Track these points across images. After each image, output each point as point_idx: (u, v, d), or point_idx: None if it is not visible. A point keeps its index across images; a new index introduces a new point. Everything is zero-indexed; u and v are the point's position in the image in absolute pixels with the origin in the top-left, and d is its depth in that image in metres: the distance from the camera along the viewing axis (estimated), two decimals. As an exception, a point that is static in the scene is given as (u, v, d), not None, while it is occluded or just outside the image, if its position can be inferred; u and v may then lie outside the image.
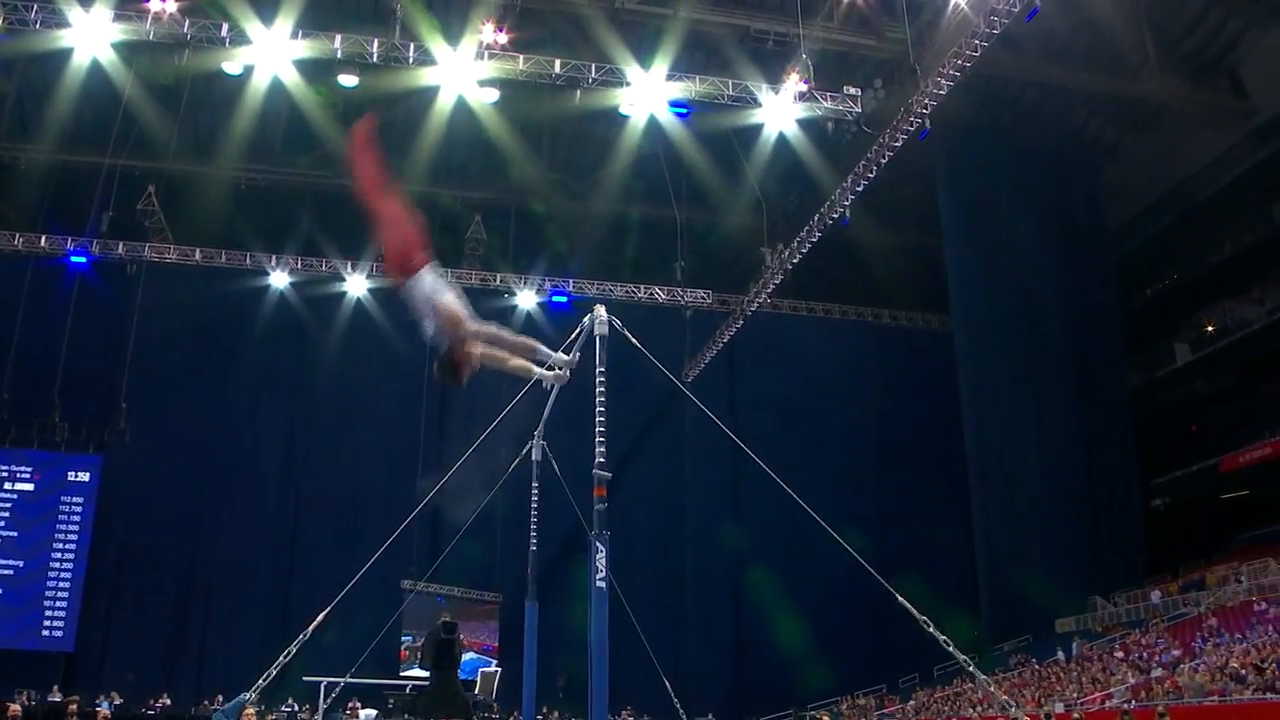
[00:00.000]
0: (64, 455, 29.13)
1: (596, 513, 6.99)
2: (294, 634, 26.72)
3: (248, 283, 31.42)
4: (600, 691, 6.58)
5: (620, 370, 8.07)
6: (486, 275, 32.25)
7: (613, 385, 17.00)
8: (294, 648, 6.65)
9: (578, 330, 8.27)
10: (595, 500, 7.04)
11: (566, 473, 11.12)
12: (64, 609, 28.05)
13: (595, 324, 7.55)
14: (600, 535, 6.85)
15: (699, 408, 31.07)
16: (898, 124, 23.52)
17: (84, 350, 29.30)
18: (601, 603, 6.69)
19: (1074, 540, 29.71)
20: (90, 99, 26.10)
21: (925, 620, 7.11)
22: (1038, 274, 31.44)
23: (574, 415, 11.60)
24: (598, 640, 6.62)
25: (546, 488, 12.36)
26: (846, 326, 35.54)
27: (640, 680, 18.27)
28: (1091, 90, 29.90)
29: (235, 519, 30.84)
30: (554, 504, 12.49)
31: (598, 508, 7.01)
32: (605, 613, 6.72)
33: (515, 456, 12.03)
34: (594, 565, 6.73)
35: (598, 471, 7.11)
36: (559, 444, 12.06)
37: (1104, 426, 31.22)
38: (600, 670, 6.59)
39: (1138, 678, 21.29)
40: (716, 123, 26.26)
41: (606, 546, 6.85)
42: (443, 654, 16.13)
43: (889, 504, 33.53)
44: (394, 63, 23.52)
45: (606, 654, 6.66)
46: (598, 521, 6.93)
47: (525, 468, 11.76)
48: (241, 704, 6.62)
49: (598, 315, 7.53)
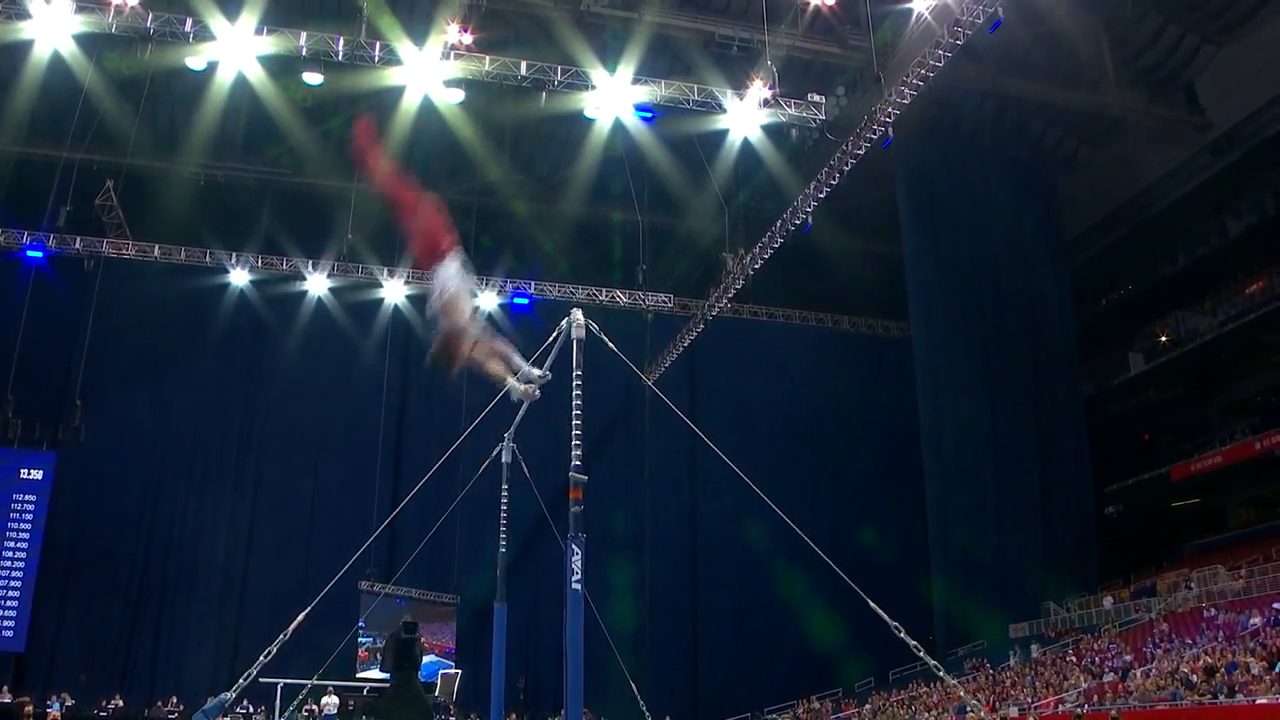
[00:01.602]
0: (16, 452, 28.71)
1: (573, 515, 6.99)
2: (248, 634, 26.61)
3: (207, 280, 31.16)
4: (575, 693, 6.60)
5: (585, 371, 8.09)
6: (448, 276, 32.08)
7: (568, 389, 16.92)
8: (274, 648, 6.63)
9: (554, 336, 8.26)
10: (571, 503, 7.03)
11: (530, 475, 11.11)
12: (14, 608, 27.65)
13: (572, 328, 7.55)
14: (576, 538, 6.86)
15: (658, 411, 31.00)
16: (861, 131, 23.73)
17: (39, 345, 28.88)
18: (577, 605, 6.70)
19: (1028, 546, 30.00)
20: (50, 91, 25.69)
21: (897, 626, 7.19)
22: (995, 282, 31.76)
23: (535, 419, 11.61)
24: (573, 642, 6.63)
25: (509, 490, 12.32)
26: (807, 332, 35.74)
27: (599, 682, 18.25)
28: (1050, 102, 30.26)
29: (190, 518, 30.51)
30: (516, 506, 12.49)
31: (574, 510, 7.01)
32: (581, 615, 6.73)
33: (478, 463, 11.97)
34: (570, 567, 6.74)
35: (574, 475, 7.12)
36: (522, 446, 12.05)
37: (1059, 434, 31.56)
38: (575, 672, 6.61)
39: (1090, 682, 21.59)
40: (681, 127, 26.33)
41: (582, 549, 6.86)
42: (403, 655, 16.04)
43: (845, 508, 33.66)
44: (359, 61, 23.43)
45: (582, 656, 6.67)
46: (574, 524, 6.94)
47: (494, 471, 11.72)
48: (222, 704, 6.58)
49: (575, 319, 7.54)
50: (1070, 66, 28.62)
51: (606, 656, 13.42)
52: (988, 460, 30.54)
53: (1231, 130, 29.36)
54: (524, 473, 11.03)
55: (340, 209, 30.71)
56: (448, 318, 7.00)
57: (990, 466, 30.49)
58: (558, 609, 11.64)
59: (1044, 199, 33.36)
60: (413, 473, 28.31)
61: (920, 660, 25.42)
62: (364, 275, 31.63)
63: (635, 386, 31.66)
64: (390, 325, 32.28)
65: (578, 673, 6.61)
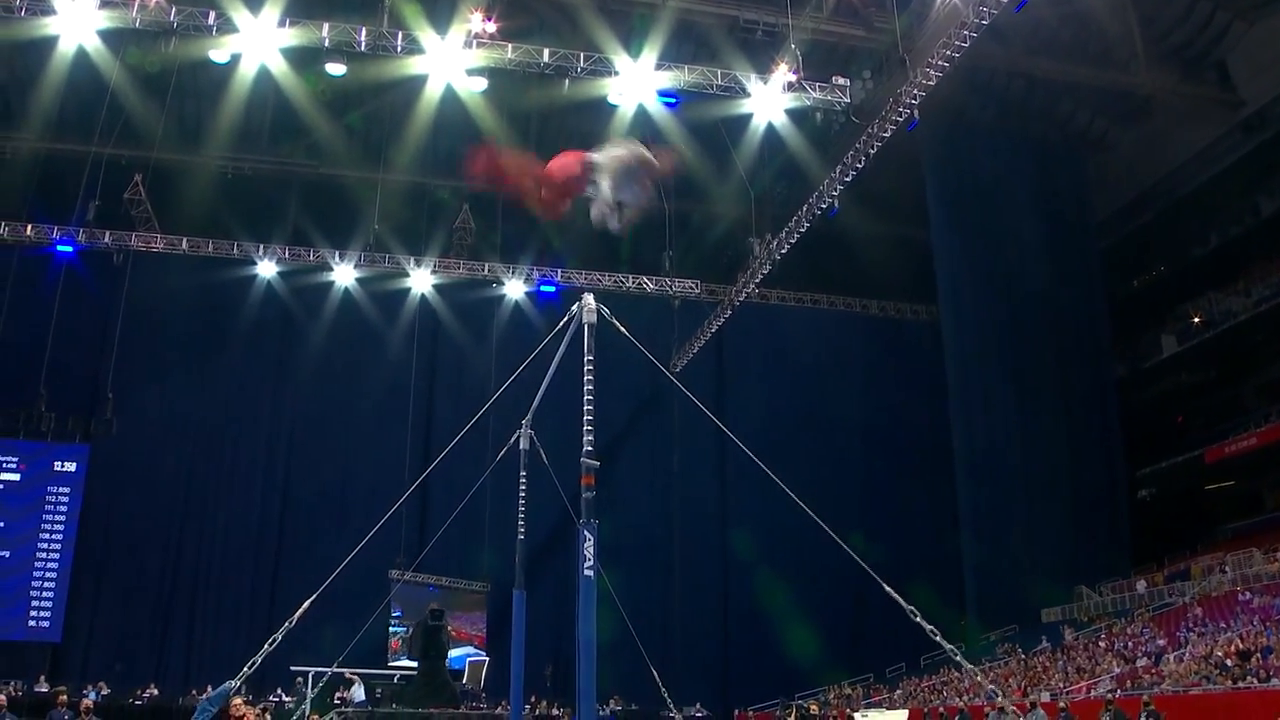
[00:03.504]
0: (50, 445, 29.05)
1: (585, 501, 6.96)
2: (280, 623, 26.67)
3: (235, 272, 31.37)
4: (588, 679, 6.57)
5: (608, 360, 8.05)
6: (474, 265, 32.21)
7: (600, 375, 16.92)
8: (279, 635, 6.65)
9: (565, 319, 8.25)
10: (583, 489, 7.01)
11: (552, 462, 11.09)
12: (50, 599, 28.00)
13: (583, 312, 7.51)
14: (589, 524, 6.83)
15: (687, 398, 31.08)
16: (886, 114, 23.52)
17: (70, 340, 29.18)
18: (590, 591, 6.67)
19: (1060, 531, 29.82)
20: (77, 87, 25.91)
21: (912, 610, 7.12)
22: (1025, 265, 31.50)
23: (561, 405, 11.57)
24: (585, 629, 6.60)
25: (533, 477, 12.31)
26: (834, 317, 35.60)
27: (628, 669, 18.27)
28: (1079, 82, 29.93)
29: (222, 508, 30.77)
30: (541, 493, 12.47)
31: (585, 496, 6.99)
32: (594, 601, 6.71)
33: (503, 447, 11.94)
34: (582, 554, 6.70)
35: (585, 460, 7.10)
36: (546, 433, 12.03)
37: (1090, 417, 31.33)
38: (588, 659, 6.58)
39: (1123, 667, 21.42)
40: (705, 112, 26.18)
41: (595, 535, 6.84)
42: (430, 643, 16.11)
43: (875, 492, 33.62)
44: (382, 51, 23.41)
45: (594, 642, 6.65)
46: (585, 510, 6.91)
47: (514, 456, 11.71)
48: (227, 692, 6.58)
49: (586, 304, 7.51)
50: (1099, 46, 28.29)
51: (635, 644, 13.42)
52: (1018, 443, 30.35)
53: (1264, 108, 28.99)
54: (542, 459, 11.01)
55: (366, 199, 30.81)
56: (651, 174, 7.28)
57: (1021, 449, 30.30)
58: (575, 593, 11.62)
59: (1073, 180, 33.04)
60: (441, 461, 28.39)
61: (955, 645, 25.31)
62: (390, 265, 31.74)
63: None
64: (417, 314, 32.42)
65: (590, 659, 6.59)
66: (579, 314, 7.55)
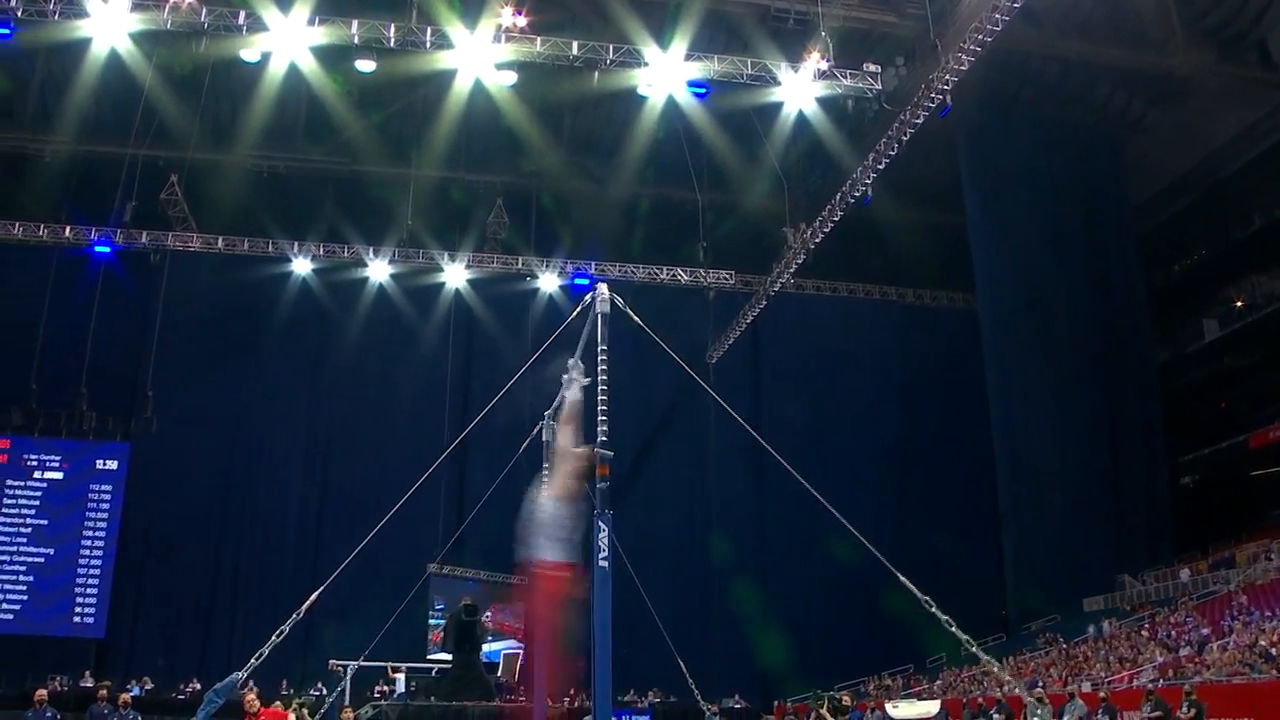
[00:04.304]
0: (92, 444, 29.42)
1: (599, 492, 6.94)
2: (320, 617, 26.80)
3: (270, 270, 31.60)
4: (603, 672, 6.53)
5: (643, 352, 8.01)
6: (508, 259, 32.26)
7: (636, 367, 16.96)
8: (286, 627, 6.69)
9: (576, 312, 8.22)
10: (597, 479, 6.99)
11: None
12: (94, 596, 28.37)
13: (597, 301, 7.48)
14: (603, 515, 6.80)
15: (722, 387, 30.84)
16: (918, 101, 23.31)
17: (109, 340, 29.64)
18: (605, 583, 6.64)
19: (1101, 519, 29.52)
20: (111, 89, 26.17)
21: (928, 600, 7.02)
22: (1062, 251, 31.16)
23: (592, 397, 11.49)
24: (601, 620, 6.57)
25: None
26: (870, 305, 35.39)
27: (666, 662, 18.25)
28: (1115, 64, 29.48)
29: (261, 504, 31.07)
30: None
31: (600, 487, 6.96)
32: (609, 593, 6.68)
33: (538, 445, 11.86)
34: (596, 545, 6.68)
35: (599, 451, 7.07)
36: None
37: (1131, 403, 30.98)
38: (603, 651, 6.54)
39: (1166, 656, 21.16)
40: (735, 102, 26.07)
41: (610, 526, 6.80)
42: (464, 636, 16.16)
43: (914, 482, 33.48)
44: (411, 47, 23.43)
45: (609, 635, 6.61)
46: (600, 501, 6.89)
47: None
48: (234, 683, 6.61)
49: (599, 293, 7.48)
50: (1134, 27, 27.87)
51: (674, 636, 13.36)
52: (1058, 431, 30.05)
53: (1306, 87, 28.49)
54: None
55: (399, 195, 30.93)
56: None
57: (1061, 437, 30.01)
58: (620, 586, 11.53)
59: (1111, 164, 32.62)
60: (478, 456, 28.51)
61: (996, 635, 25.01)
62: (425, 260, 31.86)
63: (699, 362, 31.69)
64: (452, 309, 32.55)
65: (605, 651, 6.55)
66: (593, 303, 7.51)
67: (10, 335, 29.72)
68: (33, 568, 28.19)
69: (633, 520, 31.44)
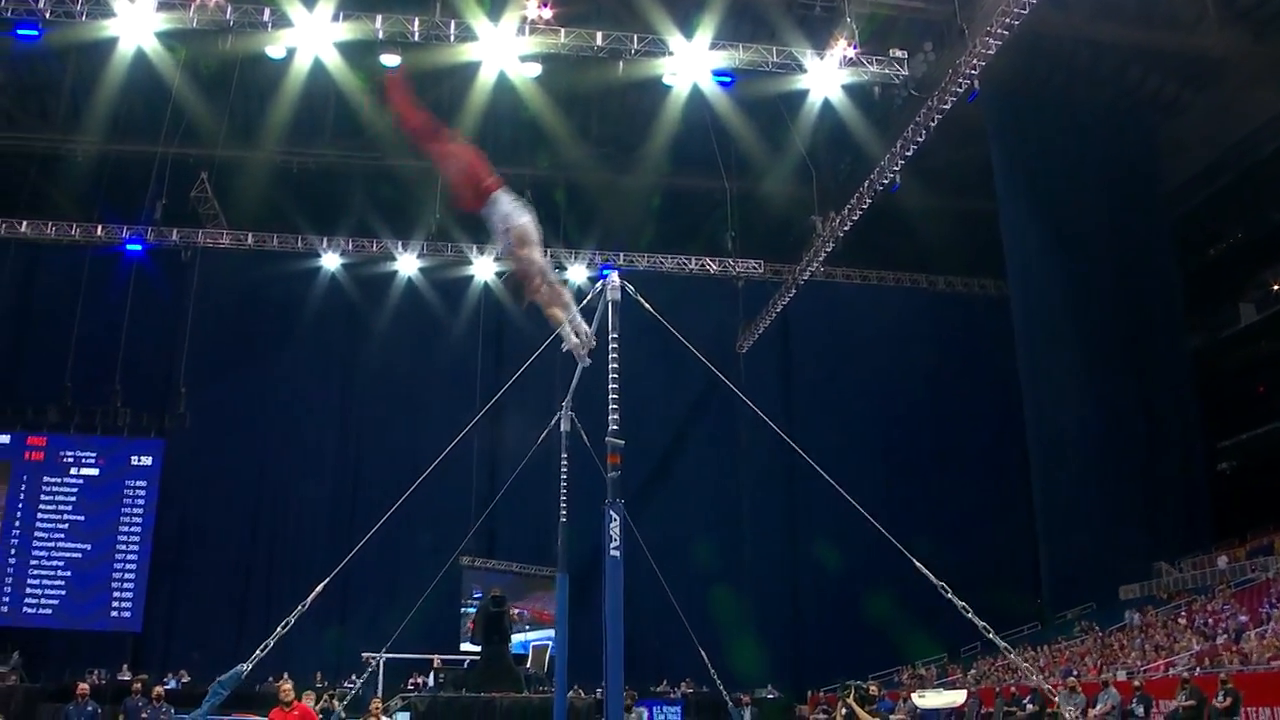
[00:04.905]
0: (127, 440, 29.68)
1: (610, 481, 6.87)
2: (353, 611, 27.00)
3: (300, 265, 31.91)
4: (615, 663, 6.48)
5: (672, 342, 7.99)
6: (537, 252, 32.22)
7: (665, 357, 16.81)
8: (292, 619, 6.67)
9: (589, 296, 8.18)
10: (609, 468, 6.92)
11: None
12: (131, 590, 28.64)
13: (608, 289, 7.43)
14: (614, 504, 6.74)
15: (751, 376, 30.59)
16: (946, 86, 23.11)
17: (142, 336, 29.93)
18: (616, 573, 6.58)
19: (1137, 506, 29.21)
20: (140, 88, 26.34)
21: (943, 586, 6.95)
22: (1094, 236, 30.80)
23: (626, 386, 11.43)
24: (612, 609, 6.51)
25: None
26: (900, 293, 35.20)
27: (699, 654, 18.22)
28: (1147, 47, 29.07)
29: (294, 498, 31.28)
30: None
31: (611, 476, 6.90)
32: (620, 583, 6.61)
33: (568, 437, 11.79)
34: (608, 534, 6.62)
35: (610, 440, 7.01)
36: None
37: (1166, 390, 30.59)
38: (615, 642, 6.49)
39: (1202, 644, 20.92)
40: (761, 90, 25.93)
41: (621, 515, 6.74)
42: (493, 627, 16.16)
43: (946, 469, 33.31)
44: (435, 41, 23.45)
45: (622, 626, 6.56)
46: (611, 490, 6.82)
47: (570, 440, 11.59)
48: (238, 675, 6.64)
49: (610, 282, 7.43)
50: (1166, 8, 27.46)
51: (707, 630, 13.35)
52: (1091, 418, 29.75)
53: (1343, 66, 27.99)
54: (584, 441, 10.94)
55: (427, 189, 30.98)
56: (520, 251, 7.19)
57: (1094, 424, 29.71)
58: (649, 577, 11.53)
59: (1143, 147, 32.16)
60: (509, 448, 28.55)
61: (1031, 624, 24.80)
62: (453, 253, 31.96)
63: (728, 352, 31.64)
64: (481, 302, 32.60)
65: (618, 643, 6.49)
66: (604, 292, 7.46)
67: (45, 334, 30.14)
68: (70, 563, 28.49)
69: (664, 510, 31.52)
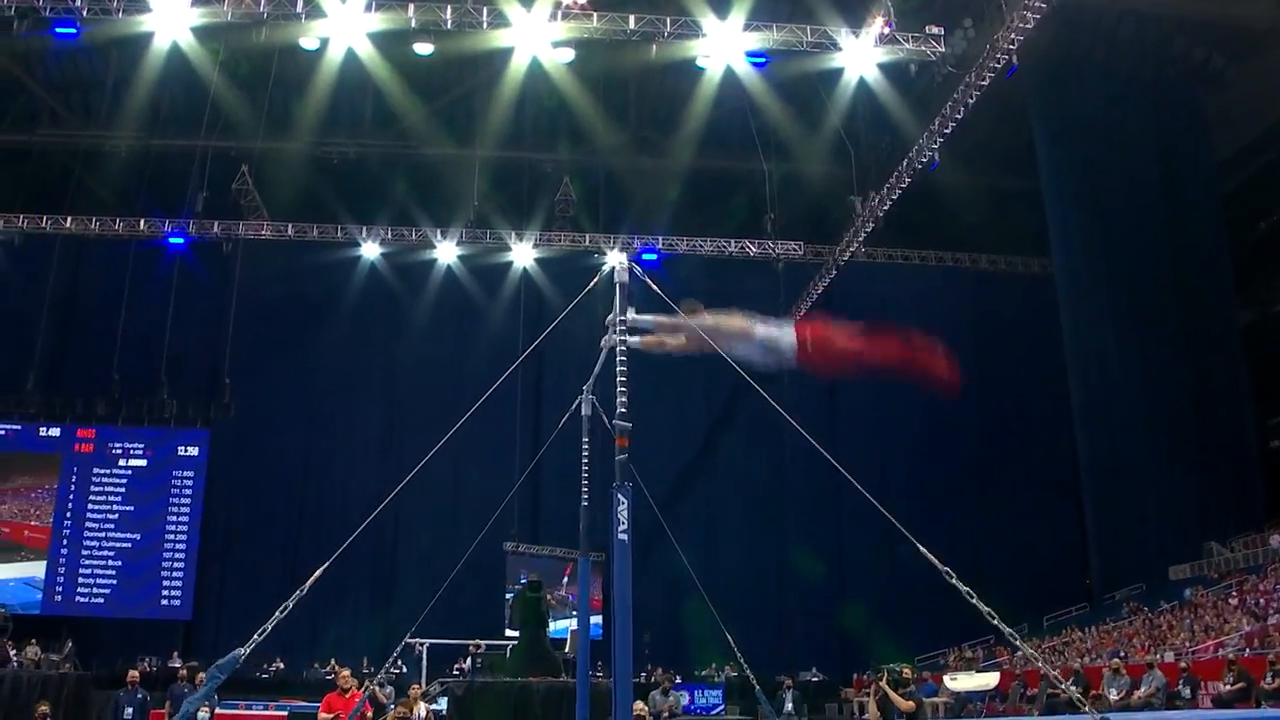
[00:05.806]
0: (173, 431, 30.06)
1: (618, 464, 6.82)
2: (398, 599, 27.29)
3: (340, 254, 32.02)
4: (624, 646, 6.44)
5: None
6: (576, 236, 32.26)
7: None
8: (290, 603, 6.67)
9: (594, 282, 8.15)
10: (617, 451, 6.87)
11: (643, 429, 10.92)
12: (180, 578, 29.05)
13: (616, 271, 7.37)
14: (622, 488, 6.68)
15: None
16: (984, 62, 22.78)
17: (186, 329, 30.33)
18: (625, 556, 6.53)
19: (1187, 485, 28.74)
20: (178, 81, 26.64)
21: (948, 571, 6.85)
22: (1141, 212, 30.23)
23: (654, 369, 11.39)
24: (621, 593, 6.50)
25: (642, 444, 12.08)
26: (941, 272, 34.73)
27: (743, 636, 18.18)
28: (1192, 18, 28.50)
29: (338, 486, 31.44)
30: (644, 460, 12.35)
31: (619, 459, 6.83)
32: (629, 566, 6.57)
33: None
34: (616, 518, 6.57)
35: (619, 423, 6.96)
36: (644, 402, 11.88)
37: (1215, 366, 30.05)
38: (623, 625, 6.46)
39: (1253, 625, 20.57)
40: (797, 70, 25.70)
41: (629, 499, 6.67)
42: (530, 613, 16.14)
43: (991, 451, 32.96)
44: (468, 28, 23.42)
45: (630, 609, 6.52)
46: (620, 473, 6.77)
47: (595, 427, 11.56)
48: (235, 659, 6.64)
49: (619, 264, 7.37)
50: (1212, -23, 26.96)
51: (750, 613, 13.28)
52: (1140, 396, 29.30)
53: (1395, 34, 27.31)
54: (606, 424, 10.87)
55: (465, 176, 31.05)
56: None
57: (1143, 403, 29.25)
58: (695, 562, 11.46)
59: (1191, 121, 31.53)
60: (551, 434, 28.56)
61: (1080, 605, 24.45)
62: (492, 240, 32.00)
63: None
64: (521, 288, 32.64)
65: (626, 625, 6.46)
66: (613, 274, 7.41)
67: (92, 328, 30.59)
68: (121, 553, 28.93)
69: (707, 494, 31.41)
